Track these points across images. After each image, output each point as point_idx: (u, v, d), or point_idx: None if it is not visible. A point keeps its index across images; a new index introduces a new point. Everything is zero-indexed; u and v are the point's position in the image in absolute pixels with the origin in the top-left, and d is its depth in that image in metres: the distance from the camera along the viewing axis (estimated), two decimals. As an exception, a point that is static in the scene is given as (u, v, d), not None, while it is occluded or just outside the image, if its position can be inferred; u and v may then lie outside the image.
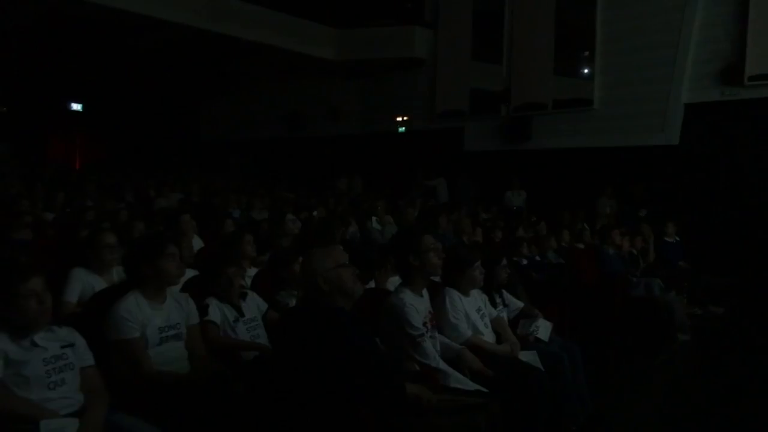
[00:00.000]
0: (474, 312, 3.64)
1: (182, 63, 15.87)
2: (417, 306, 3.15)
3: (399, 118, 15.17)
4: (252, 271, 4.42)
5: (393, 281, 4.39)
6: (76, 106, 18.87)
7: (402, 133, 15.22)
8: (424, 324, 3.14)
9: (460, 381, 3.08)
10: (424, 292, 3.31)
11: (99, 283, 3.70)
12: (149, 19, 11.89)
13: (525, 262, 6.64)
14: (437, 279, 3.60)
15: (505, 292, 4.35)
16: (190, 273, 3.76)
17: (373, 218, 7.96)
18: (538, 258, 7.01)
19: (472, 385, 3.07)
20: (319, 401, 2.41)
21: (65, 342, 2.46)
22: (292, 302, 3.79)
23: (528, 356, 3.65)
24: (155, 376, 2.73)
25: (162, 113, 18.31)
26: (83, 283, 3.71)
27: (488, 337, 3.69)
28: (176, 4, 11.89)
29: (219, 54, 14.95)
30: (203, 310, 3.17)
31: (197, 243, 5.49)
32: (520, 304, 4.38)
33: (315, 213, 8.29)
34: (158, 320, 2.85)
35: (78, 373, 2.45)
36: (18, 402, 2.25)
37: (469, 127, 13.86)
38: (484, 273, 3.78)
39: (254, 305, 3.51)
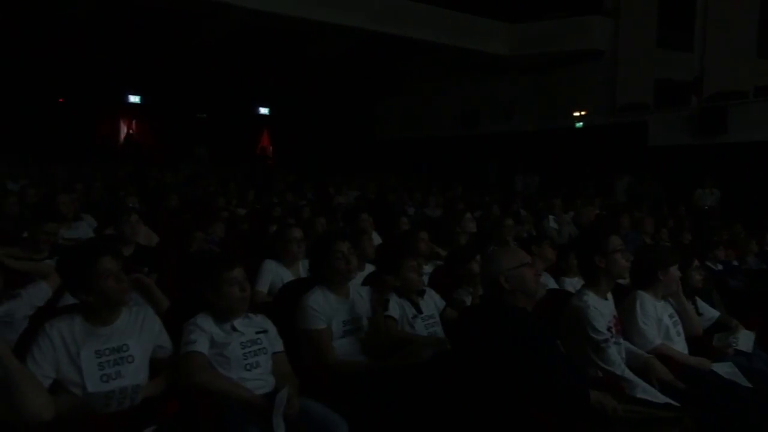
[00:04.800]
0: (667, 317, 3.37)
1: (358, 65, 16.54)
2: (601, 309, 2.98)
3: (576, 113, 14.65)
4: (428, 269, 4.46)
5: (572, 282, 4.23)
6: (264, 111, 20.46)
7: (580, 128, 14.64)
8: (609, 329, 2.97)
9: (647, 392, 2.86)
10: (609, 295, 3.12)
11: (287, 275, 3.94)
12: (327, 25, 12.57)
13: (720, 267, 6.07)
14: (624, 282, 3.39)
15: (699, 300, 3.99)
16: (370, 268, 3.88)
17: (550, 217, 7.73)
18: (735, 263, 6.38)
19: (661, 398, 2.84)
20: (498, 401, 2.37)
21: (260, 328, 2.67)
22: (469, 300, 3.77)
23: (723, 368, 3.30)
24: (339, 366, 2.85)
25: (339, 114, 19.22)
26: (273, 274, 3.94)
27: (680, 344, 3.40)
28: (350, 9, 12.45)
29: (392, 54, 15.38)
30: (383, 304, 3.26)
31: (375, 239, 5.67)
32: (716, 314, 4.01)
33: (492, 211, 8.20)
34: (343, 314, 2.99)
35: (270, 357, 2.64)
36: (224, 380, 2.47)
37: (654, 121, 13.02)
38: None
39: (432, 302, 3.54)
